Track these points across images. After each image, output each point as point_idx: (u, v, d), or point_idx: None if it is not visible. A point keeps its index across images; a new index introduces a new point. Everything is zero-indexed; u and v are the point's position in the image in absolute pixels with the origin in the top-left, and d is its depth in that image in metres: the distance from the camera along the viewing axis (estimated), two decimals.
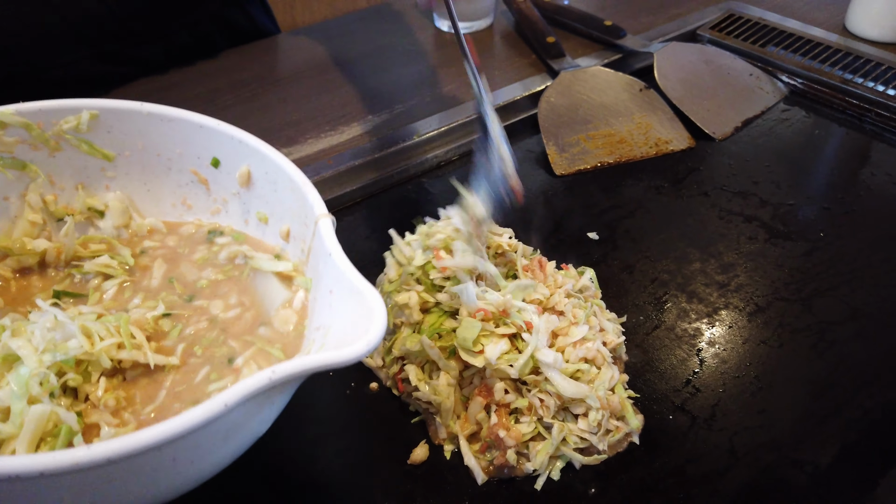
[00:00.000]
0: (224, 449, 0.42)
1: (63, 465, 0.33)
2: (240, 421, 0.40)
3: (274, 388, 0.37)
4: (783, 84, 0.97)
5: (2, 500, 0.35)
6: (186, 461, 0.39)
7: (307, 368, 0.38)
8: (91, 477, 0.35)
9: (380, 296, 0.42)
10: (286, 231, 0.55)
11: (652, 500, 0.52)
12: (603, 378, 0.55)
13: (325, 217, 0.48)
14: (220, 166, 0.57)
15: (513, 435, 0.53)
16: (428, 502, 0.52)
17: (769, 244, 0.73)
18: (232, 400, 0.36)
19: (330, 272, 0.46)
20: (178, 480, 0.41)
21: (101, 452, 0.33)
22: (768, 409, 0.58)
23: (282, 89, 0.95)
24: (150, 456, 0.35)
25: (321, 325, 0.46)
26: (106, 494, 0.37)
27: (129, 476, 0.36)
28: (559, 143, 0.84)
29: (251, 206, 0.57)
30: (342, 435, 0.57)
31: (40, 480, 0.33)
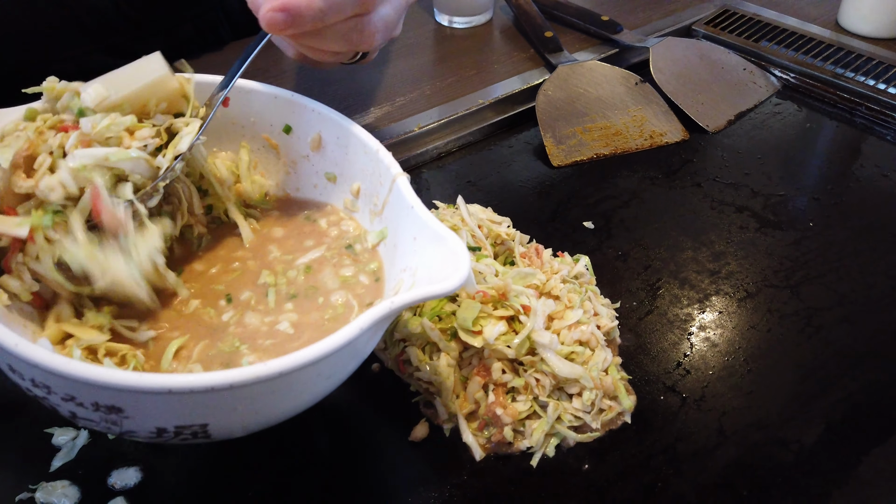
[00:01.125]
0: (349, 367, 0.49)
1: (248, 379, 0.39)
2: (364, 343, 0.46)
3: (391, 316, 0.44)
4: (776, 78, 0.99)
5: (193, 409, 0.41)
6: (325, 376, 0.45)
7: (418, 298, 0.44)
8: (263, 389, 0.41)
9: (461, 240, 0.47)
10: (356, 189, 0.60)
11: (643, 477, 0.54)
12: (596, 359, 0.57)
13: (402, 175, 0.55)
14: (291, 132, 0.62)
15: (509, 413, 0.55)
16: (428, 478, 0.54)
17: (759, 233, 0.75)
18: (365, 323, 0.42)
19: (413, 222, 0.51)
20: (317, 392, 0.48)
21: (276, 367, 0.40)
22: (756, 390, 0.60)
23: (284, 82, 0.97)
24: (308, 370, 0.41)
25: (407, 267, 0.52)
26: (269, 404, 0.44)
27: (288, 387, 0.43)
28: (556, 135, 0.86)
29: (320, 167, 0.62)
30: (344, 413, 0.59)
31: (229, 392, 0.40)
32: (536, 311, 0.56)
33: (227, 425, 0.45)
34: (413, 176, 0.84)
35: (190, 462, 0.54)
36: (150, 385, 0.38)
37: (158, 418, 0.41)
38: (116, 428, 0.42)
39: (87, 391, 0.40)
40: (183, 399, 0.40)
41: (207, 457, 0.55)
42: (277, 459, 0.55)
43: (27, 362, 0.39)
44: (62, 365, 0.39)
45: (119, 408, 0.40)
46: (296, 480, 0.54)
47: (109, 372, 0.39)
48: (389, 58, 1.02)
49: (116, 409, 0.40)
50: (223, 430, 0.45)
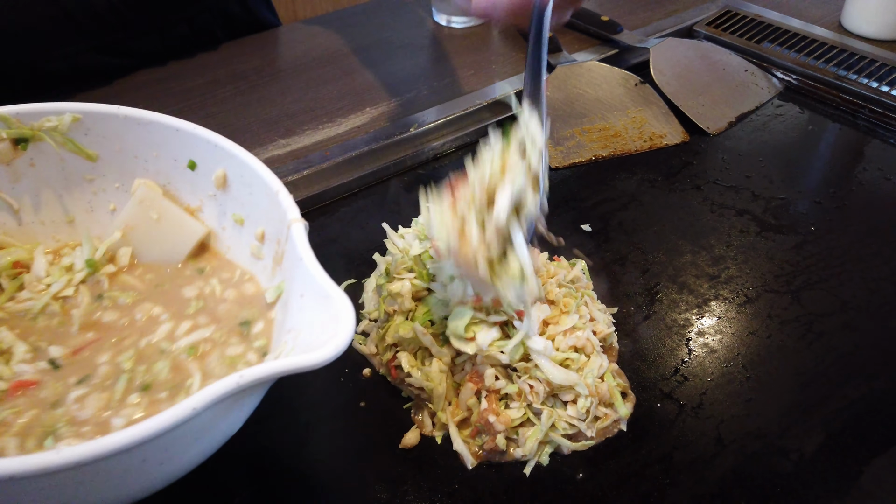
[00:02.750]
0: (193, 450, 0.42)
1: (32, 469, 0.33)
2: (208, 423, 0.40)
3: (242, 391, 0.38)
4: (778, 80, 0.98)
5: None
6: (156, 462, 0.39)
7: (274, 373, 0.38)
8: (60, 479, 0.35)
9: (348, 302, 0.42)
10: (261, 233, 0.56)
11: (639, 486, 0.53)
12: (592, 366, 0.56)
13: (298, 222, 0.49)
14: (196, 169, 0.58)
15: (502, 420, 0.54)
16: (419, 486, 0.52)
17: (760, 237, 0.74)
18: (200, 404, 0.36)
19: (301, 276, 0.46)
20: (149, 481, 0.41)
21: (69, 456, 0.33)
22: (755, 398, 0.58)
23: (281, 81, 0.96)
24: (119, 459, 0.35)
25: (292, 328, 0.47)
26: (76, 496, 0.37)
27: (98, 478, 0.37)
28: (554, 136, 0.85)
29: (227, 207, 0.58)
30: (335, 419, 0.58)
31: (8, 484, 0.33)
32: (530, 317, 0.55)
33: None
34: (409, 176, 0.83)
35: None
36: None
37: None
38: None
39: None
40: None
41: None
42: (264, 465, 0.54)
43: None
44: None
45: None
46: (283, 486, 0.53)
47: None
48: (386, 57, 1.01)
49: None
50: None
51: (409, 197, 0.80)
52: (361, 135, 0.85)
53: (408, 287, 0.60)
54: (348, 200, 0.79)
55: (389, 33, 1.07)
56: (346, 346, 0.39)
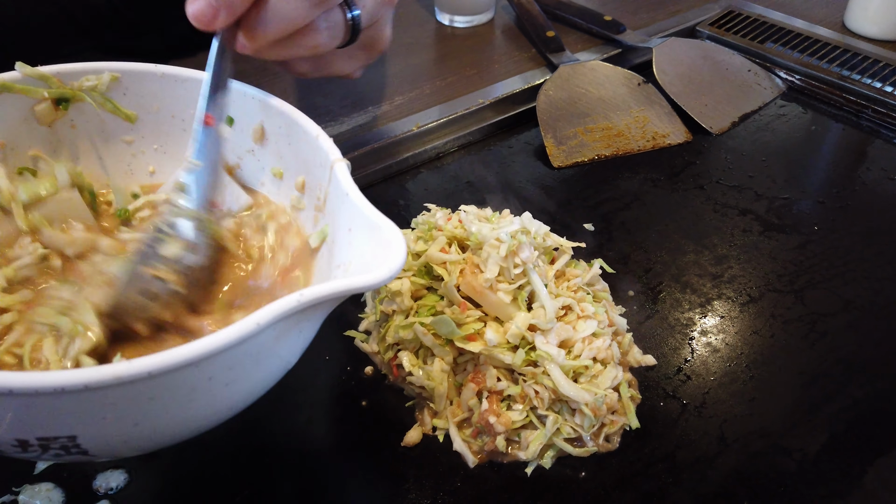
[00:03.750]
0: (256, 374, 0.42)
1: (106, 379, 0.33)
2: (269, 344, 0.40)
3: (302, 311, 0.38)
4: (781, 80, 0.97)
5: (51, 417, 0.35)
6: (221, 383, 0.39)
7: (332, 292, 0.39)
8: (133, 392, 0.35)
9: (397, 228, 0.43)
10: (301, 182, 0.56)
11: (642, 485, 0.52)
12: (607, 376, 0.55)
13: (340, 161, 0.50)
14: (234, 124, 0.58)
15: (503, 421, 0.54)
16: (421, 483, 0.52)
17: (763, 237, 0.74)
18: (263, 319, 0.36)
19: (347, 211, 0.47)
20: (214, 404, 0.41)
21: (141, 366, 0.34)
22: (759, 397, 0.58)
23: (282, 81, 0.96)
24: (187, 372, 0.36)
25: (341, 263, 0.47)
26: (147, 414, 0.38)
27: (168, 394, 0.37)
28: (557, 135, 0.85)
29: (265, 162, 0.58)
30: (337, 418, 0.57)
31: (86, 395, 0.34)
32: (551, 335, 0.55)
33: (103, 439, 0.38)
34: (411, 176, 0.83)
35: (176, 465, 0.53)
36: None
37: (14, 427, 0.36)
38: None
39: None
40: (31, 403, 0.34)
41: (193, 460, 0.54)
42: (265, 462, 0.54)
43: None
44: None
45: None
46: (284, 484, 0.52)
47: None
48: (389, 57, 1.01)
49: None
50: (100, 445, 0.39)
51: (411, 196, 0.80)
52: (364, 133, 0.85)
53: (407, 285, 0.60)
54: None
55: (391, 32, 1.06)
56: (400, 268, 0.40)
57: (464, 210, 0.67)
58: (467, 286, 0.57)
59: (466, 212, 0.67)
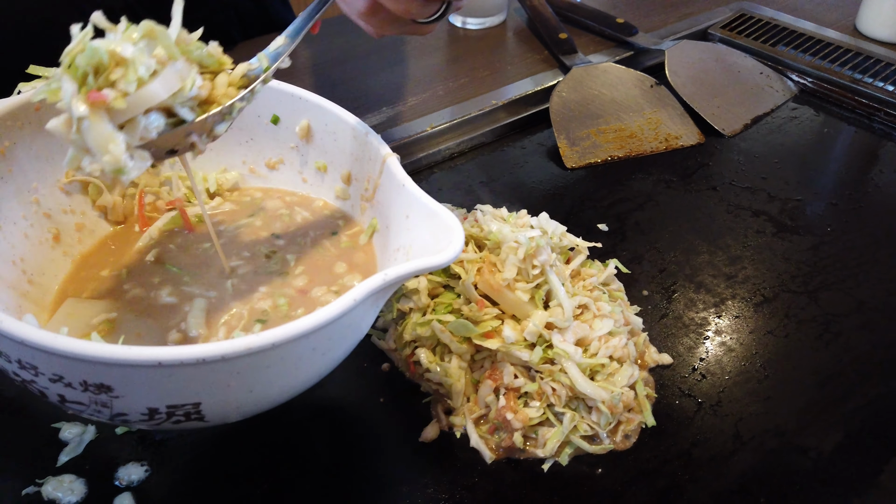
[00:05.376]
0: (344, 343, 0.47)
1: (239, 350, 0.38)
2: (359, 317, 0.45)
3: (385, 288, 0.43)
4: (793, 83, 0.98)
5: (185, 385, 0.40)
6: (321, 351, 0.44)
7: (411, 270, 0.43)
8: (256, 362, 0.40)
9: (454, 214, 0.47)
10: (347, 175, 0.60)
11: (658, 482, 0.53)
12: (623, 375, 0.56)
13: (392, 155, 0.54)
14: (279, 123, 0.60)
15: (520, 418, 0.54)
16: (439, 479, 0.53)
17: (777, 238, 0.74)
18: (359, 295, 0.42)
19: (405, 200, 0.51)
20: (313, 370, 0.46)
21: (268, 337, 0.39)
22: (774, 396, 0.58)
23: (297, 81, 0.96)
24: (300, 343, 0.41)
25: (401, 247, 0.51)
26: (262, 381, 0.42)
27: (281, 362, 0.42)
28: (570, 136, 0.86)
29: (309, 157, 0.61)
30: (355, 413, 0.58)
31: (220, 364, 0.38)
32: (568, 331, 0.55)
33: (221, 405, 0.43)
34: (425, 176, 0.83)
35: (196, 459, 0.54)
36: (139, 358, 0.37)
37: (149, 396, 0.40)
38: (107, 410, 0.41)
39: (74, 369, 0.38)
40: (173, 373, 0.38)
41: (213, 455, 0.54)
42: (284, 458, 0.54)
43: (12, 339, 0.38)
44: (48, 341, 0.37)
45: (108, 386, 0.39)
46: (303, 479, 0.53)
47: (97, 346, 0.37)
48: (401, 58, 1.01)
49: (106, 388, 0.39)
50: (217, 411, 0.43)
51: None
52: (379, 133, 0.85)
53: (424, 283, 0.60)
54: None
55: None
56: (461, 249, 0.45)
57: (480, 210, 0.68)
58: (485, 284, 0.57)
59: (483, 211, 0.67)
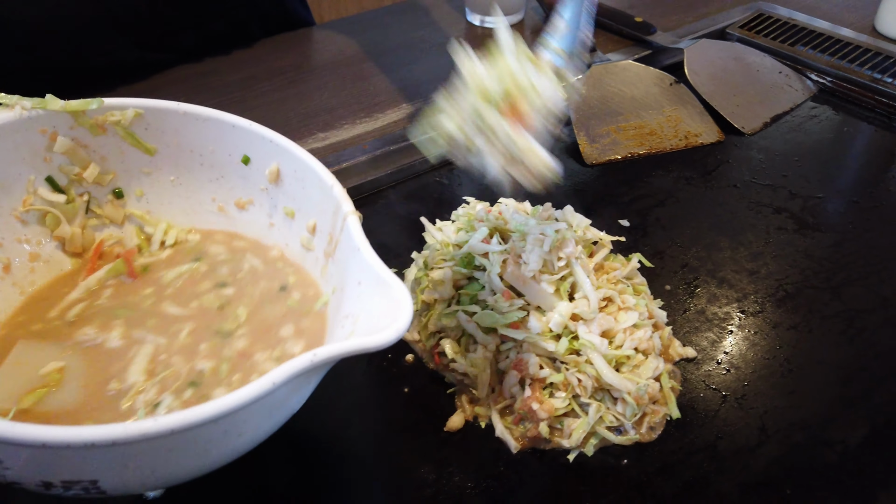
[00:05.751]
0: (267, 423, 0.44)
1: (132, 435, 0.36)
2: (282, 398, 0.42)
3: (314, 368, 0.40)
4: (812, 82, 0.98)
5: (77, 465, 0.38)
6: (235, 434, 0.41)
7: (343, 352, 0.40)
8: (154, 446, 0.38)
9: (405, 287, 0.44)
10: (313, 225, 0.57)
11: (684, 474, 0.53)
12: (648, 367, 0.56)
13: (353, 214, 0.51)
14: (250, 164, 0.59)
15: (545, 408, 0.54)
16: (465, 467, 0.53)
17: (798, 235, 0.74)
18: (279, 378, 0.38)
19: (358, 265, 0.48)
20: (226, 451, 0.43)
21: (166, 424, 0.36)
22: (798, 390, 0.58)
23: (318, 77, 0.97)
24: (206, 428, 0.38)
25: (350, 314, 0.48)
26: (166, 463, 0.40)
27: (186, 446, 0.39)
28: (590, 133, 0.86)
29: (278, 201, 0.59)
30: (379, 404, 0.58)
31: (113, 448, 0.36)
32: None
33: (122, 482, 0.41)
34: (446, 171, 0.83)
35: None
36: (23, 437, 0.35)
37: (41, 472, 0.38)
38: (1, 478, 0.39)
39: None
40: (61, 453, 0.36)
41: None
42: (308, 447, 0.54)
43: None
44: None
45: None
46: (327, 469, 0.53)
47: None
48: (420, 56, 1.02)
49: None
50: (118, 487, 0.41)
51: (445, 190, 0.81)
52: (398, 130, 0.86)
53: (449, 275, 0.61)
54: (385, 193, 0.80)
55: (423, 32, 1.08)
56: (407, 328, 0.41)
57: (503, 202, 0.68)
58: (511, 276, 0.57)
59: (507, 204, 0.68)
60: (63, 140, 0.55)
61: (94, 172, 0.58)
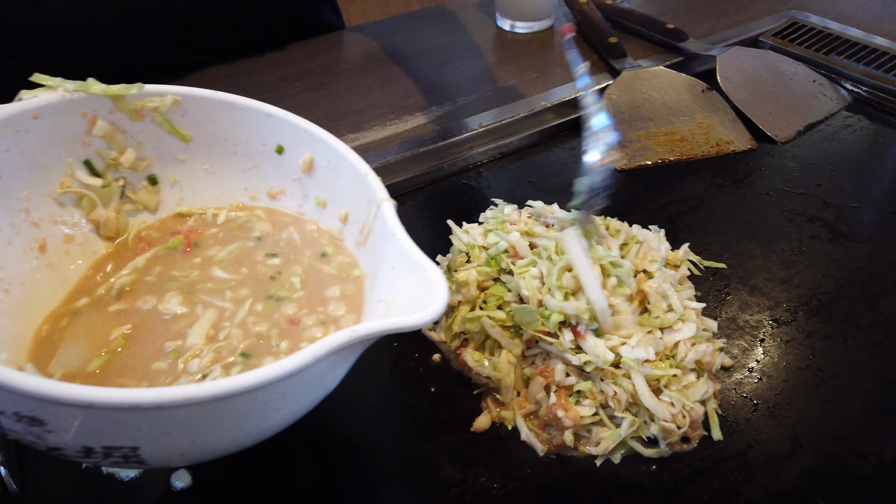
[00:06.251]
0: (303, 399, 0.44)
1: (177, 399, 0.36)
2: (320, 374, 0.43)
3: (352, 345, 0.40)
4: (846, 91, 0.96)
5: (120, 428, 0.38)
6: (274, 407, 0.42)
7: (382, 329, 0.41)
8: (198, 412, 0.38)
9: (440, 271, 0.44)
10: (345, 214, 0.57)
11: (714, 482, 0.52)
12: (698, 390, 0.54)
13: (388, 201, 0.52)
14: (283, 153, 0.59)
15: (570, 416, 0.53)
16: (491, 468, 0.53)
17: (832, 244, 0.73)
18: (319, 351, 0.39)
19: (393, 250, 0.49)
20: (263, 425, 0.43)
21: (210, 389, 0.36)
22: (832, 400, 0.57)
23: (348, 79, 0.98)
24: (248, 396, 0.38)
25: (383, 298, 0.49)
26: (205, 432, 0.40)
27: (227, 415, 0.40)
28: (620, 139, 0.85)
29: (310, 191, 0.60)
30: (405, 402, 0.58)
31: (157, 412, 0.36)
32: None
33: (161, 451, 0.41)
34: (474, 174, 0.83)
35: None
36: (71, 397, 0.35)
37: (83, 436, 0.38)
38: (42, 443, 0.39)
39: (6, 399, 0.37)
40: (106, 416, 0.37)
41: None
42: (335, 444, 0.54)
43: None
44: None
45: (41, 420, 0.37)
46: (353, 467, 0.53)
47: (29, 379, 0.35)
48: (450, 60, 1.02)
49: (38, 422, 0.37)
50: (157, 457, 0.41)
51: (473, 193, 0.80)
52: (427, 132, 0.86)
53: (474, 276, 0.60)
54: (414, 194, 0.81)
55: (453, 37, 1.08)
56: (444, 310, 0.41)
57: (532, 205, 0.68)
58: None
59: (535, 206, 0.67)
60: (102, 124, 0.56)
61: (131, 157, 0.58)
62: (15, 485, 0.50)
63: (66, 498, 0.51)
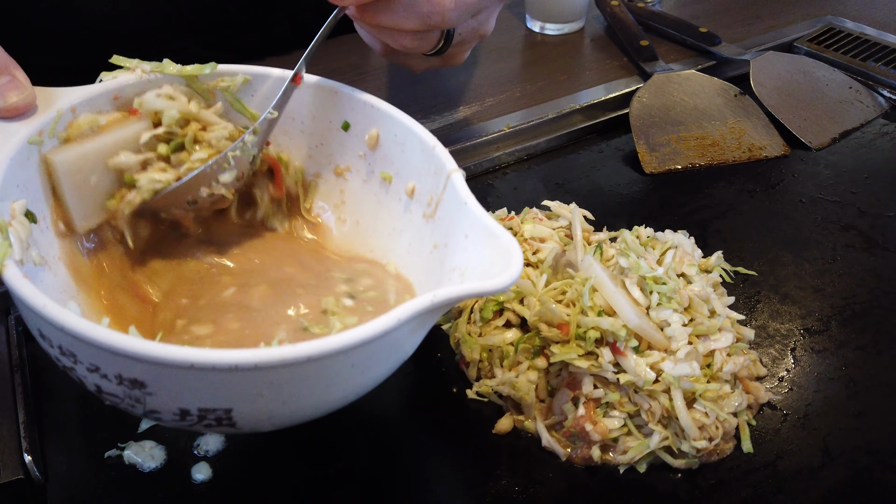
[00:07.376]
0: (386, 363, 0.45)
1: (273, 360, 0.37)
2: (402, 338, 0.44)
3: (434, 309, 0.41)
4: (884, 99, 0.94)
5: (216, 390, 0.39)
6: (360, 369, 0.43)
7: (462, 294, 0.42)
8: (291, 374, 0.39)
9: (514, 238, 0.45)
10: (411, 188, 0.57)
11: (741, 492, 0.51)
12: (731, 402, 0.53)
13: (457, 171, 0.52)
14: (349, 129, 0.60)
15: (599, 430, 0.52)
16: (513, 470, 0.52)
17: (867, 253, 0.71)
18: (404, 315, 0.40)
19: (465, 219, 0.49)
20: (348, 388, 0.44)
21: (304, 350, 0.38)
22: (865, 412, 0.56)
23: (376, 78, 0.98)
24: (338, 358, 0.40)
25: (456, 267, 0.49)
26: (296, 393, 0.41)
27: (317, 376, 0.41)
28: (650, 142, 0.84)
29: (376, 167, 0.60)
30: (428, 402, 0.58)
31: (253, 373, 0.38)
32: None
33: (253, 413, 0.42)
34: (500, 175, 0.83)
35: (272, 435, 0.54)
36: (173, 358, 0.36)
37: (181, 398, 0.40)
38: (140, 406, 0.41)
39: (110, 361, 0.38)
40: (205, 376, 0.38)
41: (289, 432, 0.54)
42: (357, 440, 0.54)
43: (54, 325, 0.38)
44: (87, 330, 0.37)
45: (142, 382, 0.39)
46: (374, 462, 0.53)
47: (133, 341, 0.37)
48: (479, 60, 1.02)
49: (139, 384, 0.39)
50: (249, 419, 0.42)
51: (499, 194, 0.80)
52: (455, 132, 0.86)
53: None
54: None
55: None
56: (519, 275, 0.42)
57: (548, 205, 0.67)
58: None
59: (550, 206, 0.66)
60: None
61: None
62: (38, 472, 0.51)
63: (87, 487, 0.52)
